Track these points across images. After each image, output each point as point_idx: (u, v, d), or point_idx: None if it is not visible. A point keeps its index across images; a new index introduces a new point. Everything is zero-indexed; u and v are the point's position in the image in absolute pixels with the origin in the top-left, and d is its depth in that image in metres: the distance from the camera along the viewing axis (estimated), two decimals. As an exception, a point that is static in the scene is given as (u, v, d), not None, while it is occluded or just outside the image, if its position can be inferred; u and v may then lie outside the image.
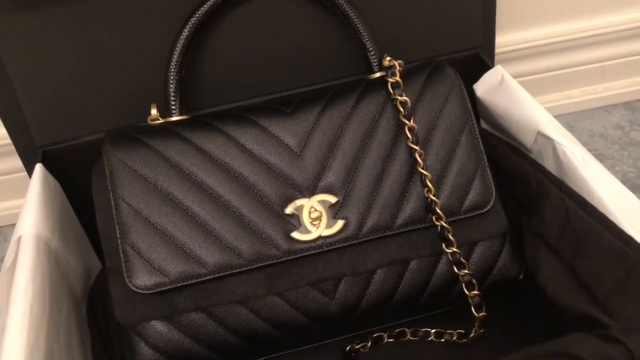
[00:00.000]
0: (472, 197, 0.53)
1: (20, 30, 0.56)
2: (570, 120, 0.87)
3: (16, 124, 0.60)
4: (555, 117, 0.57)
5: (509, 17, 0.79)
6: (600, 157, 0.82)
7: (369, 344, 0.55)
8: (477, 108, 0.66)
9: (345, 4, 0.57)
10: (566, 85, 0.87)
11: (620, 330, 0.42)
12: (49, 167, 0.59)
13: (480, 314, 0.53)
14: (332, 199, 0.51)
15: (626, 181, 0.79)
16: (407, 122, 0.52)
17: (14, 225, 0.54)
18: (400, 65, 0.54)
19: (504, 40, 0.80)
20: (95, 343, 0.56)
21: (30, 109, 0.59)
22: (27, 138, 0.60)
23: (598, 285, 0.46)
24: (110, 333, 0.56)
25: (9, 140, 0.62)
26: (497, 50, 0.71)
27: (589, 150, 0.69)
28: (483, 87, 0.64)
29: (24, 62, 0.57)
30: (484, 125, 0.67)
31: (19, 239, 0.51)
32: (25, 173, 0.62)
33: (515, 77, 0.63)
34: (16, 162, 0.64)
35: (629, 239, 0.45)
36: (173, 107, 0.55)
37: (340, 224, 0.51)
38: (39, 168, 0.57)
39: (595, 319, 0.45)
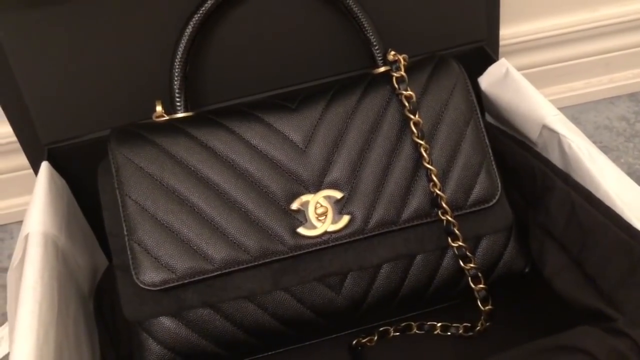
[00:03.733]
0: (477, 191, 0.53)
1: (25, 28, 0.56)
2: (574, 112, 0.87)
3: (22, 122, 0.60)
4: (560, 109, 0.57)
5: (512, 10, 0.78)
6: (605, 149, 0.82)
7: (375, 337, 0.56)
8: (482, 101, 0.66)
9: (348, -1, 0.57)
10: (570, 77, 0.87)
11: (626, 323, 0.42)
12: (55, 165, 0.59)
13: (487, 308, 0.53)
14: (338, 195, 0.52)
15: (632, 173, 0.79)
16: (412, 116, 0.52)
17: (20, 222, 0.54)
18: (404, 60, 0.54)
19: (508, 32, 0.80)
20: (103, 339, 0.56)
21: (36, 107, 0.59)
22: (33, 136, 0.60)
23: (604, 279, 0.46)
24: (118, 329, 0.56)
25: (14, 138, 0.62)
26: (501, 43, 0.71)
27: (594, 142, 0.69)
28: (487, 80, 0.64)
29: (29, 60, 0.57)
30: (488, 118, 0.67)
31: (27, 236, 0.51)
32: (31, 170, 0.62)
33: (519, 69, 0.63)
34: (22, 160, 0.64)
35: (635, 232, 0.45)
36: (178, 104, 0.55)
37: (346, 219, 0.51)
38: (45, 166, 0.57)
39: (601, 312, 0.45)
